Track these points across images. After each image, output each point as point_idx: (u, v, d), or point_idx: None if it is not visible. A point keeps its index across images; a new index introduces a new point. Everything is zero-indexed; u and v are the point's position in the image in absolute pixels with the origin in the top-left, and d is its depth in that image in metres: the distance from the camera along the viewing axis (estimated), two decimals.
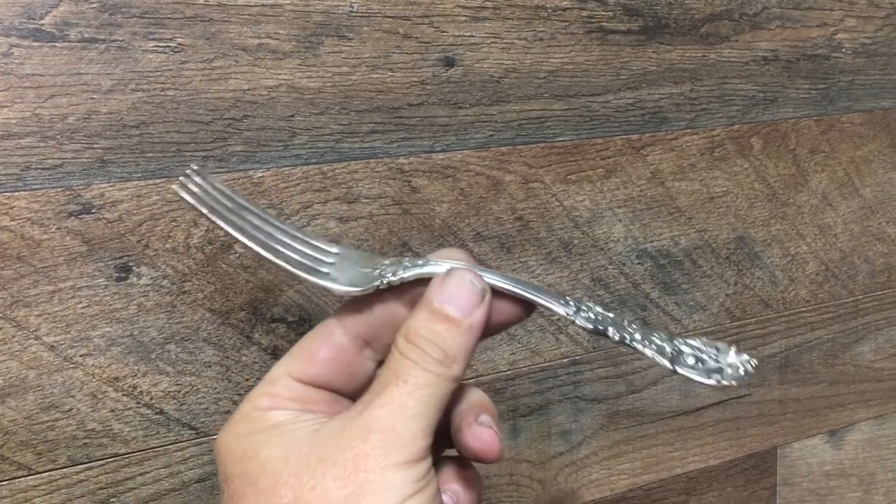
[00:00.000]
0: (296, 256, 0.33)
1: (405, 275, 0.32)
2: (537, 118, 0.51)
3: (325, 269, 0.33)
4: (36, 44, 0.39)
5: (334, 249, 0.33)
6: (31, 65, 0.39)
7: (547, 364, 0.54)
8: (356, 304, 0.33)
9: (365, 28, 0.46)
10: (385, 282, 0.32)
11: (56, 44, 0.40)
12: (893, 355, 0.68)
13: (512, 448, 0.54)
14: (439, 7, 0.47)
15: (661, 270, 0.57)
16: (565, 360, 0.55)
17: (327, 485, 0.28)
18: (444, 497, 0.33)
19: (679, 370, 0.32)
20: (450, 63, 0.48)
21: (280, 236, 0.33)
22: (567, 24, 0.51)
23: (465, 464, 0.35)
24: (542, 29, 0.50)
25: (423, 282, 0.32)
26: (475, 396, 0.34)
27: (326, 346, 0.33)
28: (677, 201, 0.56)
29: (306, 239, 0.33)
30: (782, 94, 0.59)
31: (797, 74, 0.59)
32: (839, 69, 0.61)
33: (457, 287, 0.32)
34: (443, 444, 0.34)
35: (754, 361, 0.33)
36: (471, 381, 0.52)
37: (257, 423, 0.31)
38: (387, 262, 0.33)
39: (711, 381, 0.32)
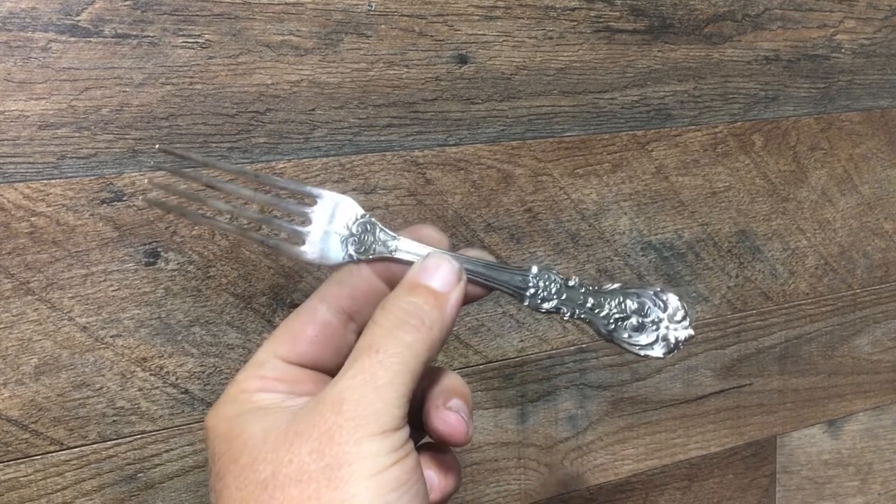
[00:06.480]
0: (274, 221, 0.34)
1: (375, 253, 0.34)
2: (546, 114, 0.53)
3: (300, 234, 0.34)
4: (72, 39, 0.41)
5: (310, 210, 0.34)
6: (68, 59, 0.41)
7: (554, 351, 0.56)
8: (336, 279, 0.34)
9: (382, 26, 0.48)
10: (356, 258, 0.34)
11: (91, 39, 0.42)
12: (891, 348, 0.69)
13: (520, 432, 0.56)
14: (453, 6, 0.49)
15: (664, 262, 0.59)
16: (572, 347, 0.56)
17: (303, 458, 0.28)
18: None
19: (617, 342, 0.35)
20: (463, 60, 0.50)
21: (259, 200, 0.35)
22: (576, 23, 0.53)
23: (443, 450, 0.35)
24: (551, 28, 0.52)
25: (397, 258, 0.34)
26: (449, 380, 0.34)
27: (311, 325, 0.33)
28: (681, 195, 0.58)
29: (284, 204, 0.34)
30: (783, 92, 0.61)
31: (798, 74, 0.61)
32: (838, 69, 0.63)
33: (435, 266, 0.33)
34: (421, 431, 0.34)
35: (689, 333, 0.35)
36: (481, 366, 0.54)
37: (244, 405, 0.31)
38: (359, 227, 0.34)
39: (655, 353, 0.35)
